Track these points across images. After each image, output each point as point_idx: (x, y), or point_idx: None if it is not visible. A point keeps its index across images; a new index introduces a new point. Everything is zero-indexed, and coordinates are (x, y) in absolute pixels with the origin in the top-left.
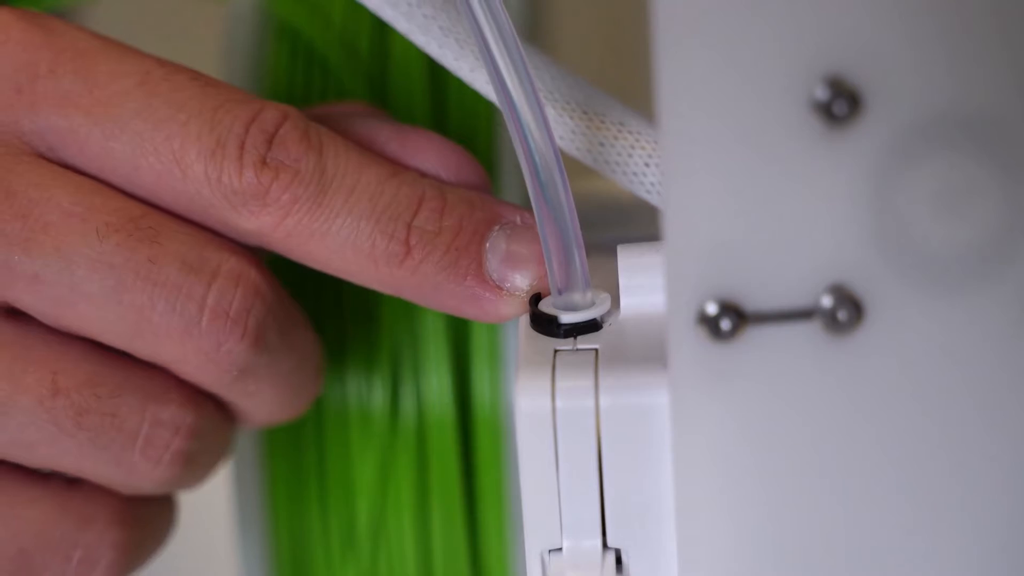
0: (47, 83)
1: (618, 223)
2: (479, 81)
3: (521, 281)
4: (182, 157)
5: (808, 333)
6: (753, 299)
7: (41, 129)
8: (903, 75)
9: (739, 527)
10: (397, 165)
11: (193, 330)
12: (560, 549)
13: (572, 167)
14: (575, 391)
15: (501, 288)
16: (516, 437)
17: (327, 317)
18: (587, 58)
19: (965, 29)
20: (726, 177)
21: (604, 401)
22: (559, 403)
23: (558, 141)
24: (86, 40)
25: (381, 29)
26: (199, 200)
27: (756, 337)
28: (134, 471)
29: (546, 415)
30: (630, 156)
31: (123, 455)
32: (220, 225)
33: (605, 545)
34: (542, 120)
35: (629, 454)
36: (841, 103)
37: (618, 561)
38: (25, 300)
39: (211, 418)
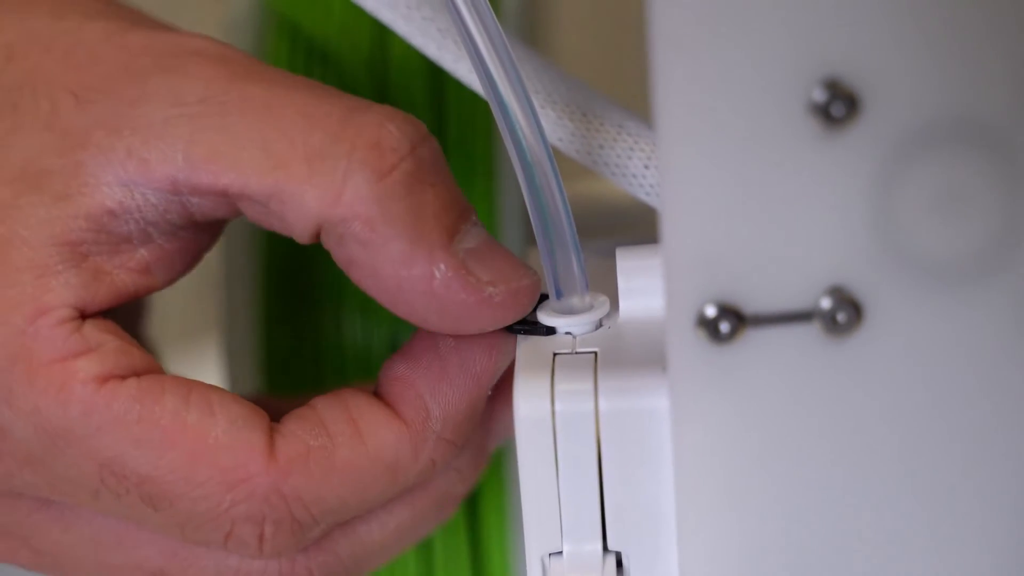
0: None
1: (618, 226)
2: (478, 83)
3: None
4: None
5: (807, 335)
6: (752, 301)
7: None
8: (900, 77)
9: (739, 529)
10: None
11: None
12: (560, 552)
13: (571, 170)
14: (574, 394)
15: None
16: (516, 440)
17: (326, 318)
18: (586, 61)
19: (962, 32)
20: (724, 179)
21: (604, 404)
22: (558, 406)
23: (557, 143)
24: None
25: (381, 23)
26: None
27: (755, 339)
28: None
29: (545, 418)
30: (629, 158)
31: None
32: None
33: (605, 548)
34: (534, 121)
35: (629, 457)
36: (839, 105)
37: (619, 564)
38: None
39: None
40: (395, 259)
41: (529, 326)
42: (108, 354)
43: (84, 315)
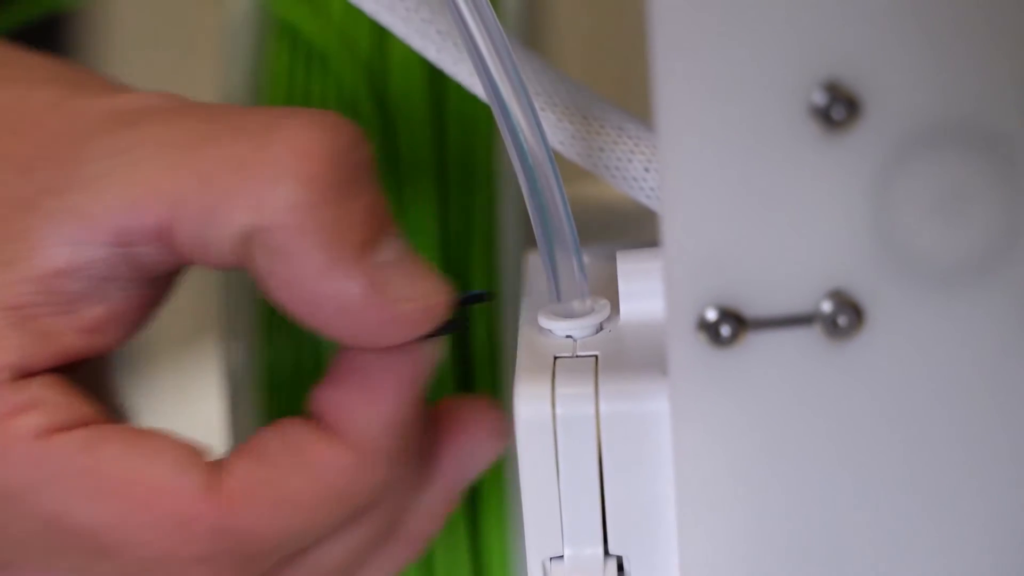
0: None
1: (618, 228)
2: (478, 86)
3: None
4: None
5: (808, 339)
6: (753, 305)
7: None
8: (901, 80)
9: (741, 533)
10: None
11: None
12: (562, 557)
13: (572, 172)
14: (575, 398)
15: None
16: (516, 444)
17: None
18: (585, 63)
19: (962, 34)
20: (725, 182)
21: (604, 408)
22: (559, 410)
23: (557, 146)
24: None
25: (381, 27)
26: None
27: (756, 343)
28: None
29: (546, 422)
30: (629, 161)
31: None
32: None
33: (607, 552)
34: (535, 124)
35: (630, 461)
36: (839, 108)
37: (620, 568)
38: None
39: None
40: (312, 273)
41: (441, 327)
42: (51, 408)
43: (30, 374)
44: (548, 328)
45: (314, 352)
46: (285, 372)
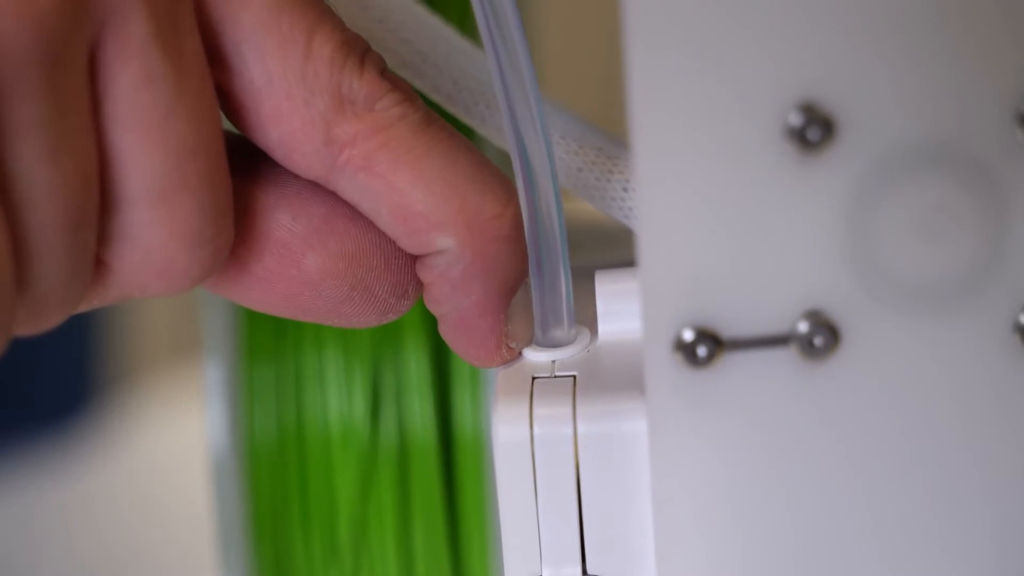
0: None
1: (597, 247)
2: (457, 108)
3: (520, 342)
4: (316, 34)
5: (785, 359)
6: (730, 325)
7: None
8: (877, 101)
9: (718, 553)
10: None
11: None
12: None
13: None
14: (553, 418)
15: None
16: (495, 464)
17: (307, 335)
18: (565, 79)
19: (939, 56)
20: (701, 203)
21: (582, 428)
22: (537, 431)
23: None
24: None
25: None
26: (310, 83)
27: (733, 364)
28: None
29: (524, 443)
30: (608, 181)
31: None
32: (313, 120)
33: (585, 572)
34: (548, 160)
35: (608, 481)
36: (815, 129)
37: None
38: None
39: None
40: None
41: None
42: None
43: None
44: (529, 359)
45: (296, 367)
46: (267, 389)
